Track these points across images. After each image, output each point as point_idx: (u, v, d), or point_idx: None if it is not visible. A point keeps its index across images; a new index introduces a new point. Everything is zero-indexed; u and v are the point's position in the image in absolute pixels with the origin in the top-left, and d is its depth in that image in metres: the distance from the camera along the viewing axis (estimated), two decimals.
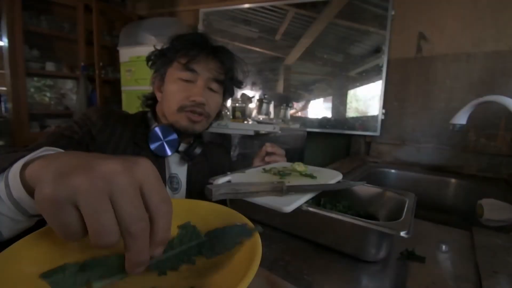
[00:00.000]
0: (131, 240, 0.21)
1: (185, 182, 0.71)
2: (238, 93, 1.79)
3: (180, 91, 0.64)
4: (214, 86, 0.68)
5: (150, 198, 0.22)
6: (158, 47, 0.70)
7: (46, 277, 0.23)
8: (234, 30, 1.77)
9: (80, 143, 0.58)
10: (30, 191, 0.27)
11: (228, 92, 0.74)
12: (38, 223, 0.31)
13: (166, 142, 0.66)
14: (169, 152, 0.66)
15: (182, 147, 0.70)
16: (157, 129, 0.65)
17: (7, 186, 0.28)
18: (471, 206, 0.72)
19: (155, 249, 0.23)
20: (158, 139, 0.65)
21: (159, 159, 0.66)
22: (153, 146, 0.64)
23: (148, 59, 0.71)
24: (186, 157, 0.69)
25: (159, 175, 0.24)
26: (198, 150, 0.70)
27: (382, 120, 1.38)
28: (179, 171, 0.70)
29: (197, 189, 0.71)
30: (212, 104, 0.69)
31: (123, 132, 0.64)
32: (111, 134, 0.63)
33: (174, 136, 0.66)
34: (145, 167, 0.22)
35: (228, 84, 0.71)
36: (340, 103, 1.53)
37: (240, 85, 0.76)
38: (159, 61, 0.68)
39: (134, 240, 0.21)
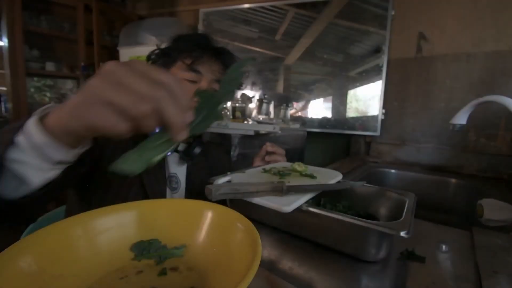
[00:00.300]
0: (166, 105, 0.26)
1: (184, 182, 0.70)
2: (238, 93, 1.79)
3: None
4: (217, 87, 0.69)
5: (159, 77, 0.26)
6: (160, 46, 0.70)
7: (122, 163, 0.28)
8: (234, 30, 1.77)
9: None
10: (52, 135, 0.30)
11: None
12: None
13: None
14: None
15: (181, 146, 0.70)
16: (159, 128, 0.65)
17: (27, 135, 0.30)
18: (471, 206, 0.72)
19: (186, 115, 0.28)
20: None
21: None
22: None
23: (149, 57, 0.71)
24: (185, 157, 0.69)
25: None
26: (197, 150, 0.70)
27: (382, 120, 1.38)
28: (178, 170, 0.70)
29: (197, 189, 0.71)
30: None
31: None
32: (108, 142, 0.61)
33: None
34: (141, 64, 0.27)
35: None
36: (340, 103, 1.53)
37: (240, 86, 0.77)
38: (161, 60, 0.68)
39: (166, 104, 0.25)
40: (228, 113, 1.83)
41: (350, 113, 1.50)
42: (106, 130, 0.25)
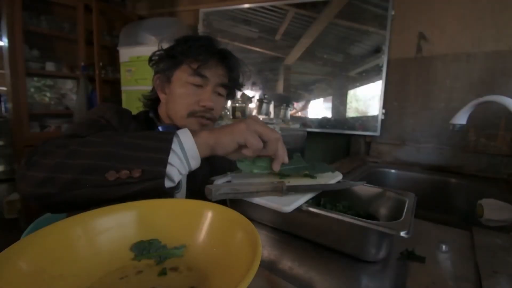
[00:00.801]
0: (281, 144, 0.48)
1: (185, 182, 0.70)
2: (238, 93, 1.79)
3: (190, 95, 0.65)
4: (221, 90, 0.69)
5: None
6: (163, 47, 0.70)
7: (238, 162, 0.49)
8: (234, 30, 1.77)
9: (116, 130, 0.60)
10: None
11: (230, 95, 0.77)
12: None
13: None
14: None
15: None
16: (160, 129, 0.67)
17: (182, 145, 0.43)
18: (471, 206, 0.72)
19: (285, 157, 0.49)
20: None
21: None
22: None
23: (151, 59, 0.71)
24: None
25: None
26: None
27: (382, 120, 1.38)
28: (181, 168, 0.71)
29: (198, 188, 0.71)
30: (219, 108, 0.71)
31: (133, 130, 0.65)
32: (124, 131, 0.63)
33: None
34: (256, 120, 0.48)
35: (233, 87, 0.74)
36: (340, 103, 1.53)
37: (241, 87, 0.78)
38: (165, 63, 0.68)
39: (275, 146, 0.47)
40: (228, 113, 1.83)
41: (350, 113, 1.50)
42: (252, 146, 0.45)
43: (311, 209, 0.42)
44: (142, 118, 0.72)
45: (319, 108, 1.61)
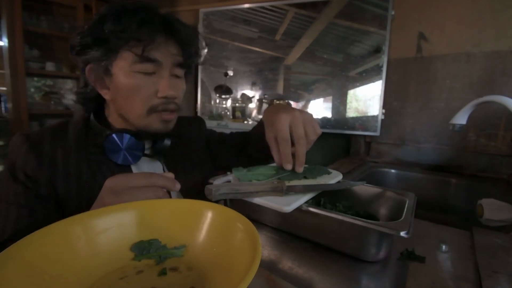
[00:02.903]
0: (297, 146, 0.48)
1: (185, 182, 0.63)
2: (238, 93, 1.79)
3: (143, 87, 0.52)
4: (178, 71, 0.56)
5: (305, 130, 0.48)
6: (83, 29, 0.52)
7: (235, 171, 0.48)
8: (234, 30, 1.77)
9: (39, 197, 0.49)
10: None
11: (189, 73, 0.62)
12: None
13: (127, 150, 0.54)
14: (133, 161, 0.56)
15: (146, 144, 0.59)
16: (114, 138, 0.53)
17: None
18: (471, 206, 0.72)
19: (298, 167, 0.49)
20: (118, 148, 0.54)
21: (124, 167, 0.56)
22: (115, 159, 0.54)
23: (73, 48, 0.53)
24: (156, 155, 0.60)
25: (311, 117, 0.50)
26: (167, 142, 0.59)
27: (382, 120, 1.38)
28: (153, 170, 0.60)
29: (183, 179, 0.56)
30: (181, 94, 0.58)
31: (66, 153, 0.52)
32: (52, 164, 0.51)
33: (135, 141, 0.54)
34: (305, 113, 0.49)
35: (191, 64, 0.61)
36: (340, 103, 1.53)
37: (200, 59, 0.63)
38: (95, 49, 0.50)
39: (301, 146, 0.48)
40: (228, 113, 1.83)
41: (350, 113, 1.50)
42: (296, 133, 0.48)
43: (311, 209, 0.42)
44: (82, 125, 0.57)
45: (319, 108, 1.61)
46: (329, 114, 1.56)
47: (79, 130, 0.56)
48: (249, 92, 1.77)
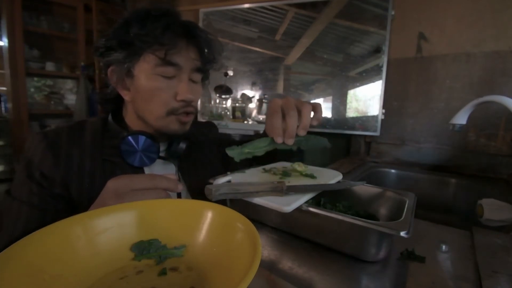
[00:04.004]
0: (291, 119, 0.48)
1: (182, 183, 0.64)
2: (238, 93, 1.80)
3: (163, 89, 0.54)
4: (196, 76, 0.59)
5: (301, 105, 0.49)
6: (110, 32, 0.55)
7: (228, 150, 0.49)
8: (234, 30, 1.77)
9: (53, 196, 0.50)
10: None
11: (206, 78, 0.65)
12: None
13: (143, 151, 0.55)
14: (149, 162, 0.57)
15: (161, 146, 0.60)
16: (129, 140, 0.54)
17: None
18: (471, 206, 0.72)
19: (301, 131, 0.50)
20: (134, 151, 0.55)
21: (137, 170, 0.57)
22: (131, 161, 0.55)
23: (97, 49, 0.56)
24: (170, 158, 0.61)
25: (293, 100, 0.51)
26: (182, 146, 0.60)
27: (382, 120, 1.38)
28: (166, 172, 0.62)
29: (195, 183, 0.63)
30: (198, 98, 0.60)
31: (82, 153, 0.53)
32: (68, 164, 0.52)
33: (152, 144, 0.56)
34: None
35: (208, 70, 0.64)
36: (340, 103, 1.53)
37: (216, 65, 0.65)
38: (119, 52, 0.53)
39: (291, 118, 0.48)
40: (228, 113, 1.83)
41: (350, 113, 1.50)
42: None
43: (311, 209, 0.42)
44: (99, 126, 0.58)
45: None
46: (329, 114, 1.56)
47: (96, 130, 0.57)
48: (249, 92, 1.77)
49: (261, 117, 1.73)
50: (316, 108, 0.52)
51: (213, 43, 0.60)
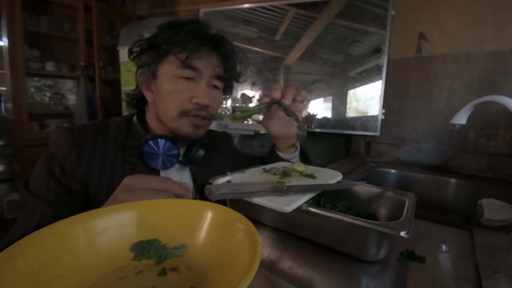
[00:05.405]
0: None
1: (192, 187, 0.64)
2: (238, 93, 1.80)
3: (180, 91, 0.56)
4: (217, 83, 0.60)
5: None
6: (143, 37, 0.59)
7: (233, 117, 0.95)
8: (234, 30, 1.77)
9: (69, 193, 0.51)
10: None
11: (228, 87, 0.68)
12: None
13: (165, 156, 0.57)
14: (170, 165, 0.59)
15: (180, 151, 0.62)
16: (151, 143, 0.56)
17: None
18: (471, 206, 0.72)
19: (286, 100, 0.62)
20: (155, 154, 0.56)
21: (154, 172, 0.59)
22: (153, 164, 0.57)
23: (131, 51, 0.60)
24: (188, 164, 0.62)
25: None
26: (201, 153, 0.62)
27: (382, 120, 1.38)
28: (182, 178, 0.63)
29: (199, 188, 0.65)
30: (216, 104, 0.61)
31: (105, 152, 0.55)
32: (90, 162, 0.53)
33: (172, 148, 0.57)
34: None
35: (230, 79, 0.66)
36: (340, 103, 1.53)
37: (240, 78, 0.68)
38: (148, 55, 0.57)
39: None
40: (228, 113, 1.84)
41: (350, 113, 1.50)
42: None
43: (311, 209, 0.42)
44: (123, 126, 0.60)
45: (319, 108, 1.61)
46: (329, 114, 1.56)
47: (120, 130, 0.59)
48: (249, 92, 1.77)
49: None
50: (301, 93, 0.65)
51: (238, 55, 0.63)
